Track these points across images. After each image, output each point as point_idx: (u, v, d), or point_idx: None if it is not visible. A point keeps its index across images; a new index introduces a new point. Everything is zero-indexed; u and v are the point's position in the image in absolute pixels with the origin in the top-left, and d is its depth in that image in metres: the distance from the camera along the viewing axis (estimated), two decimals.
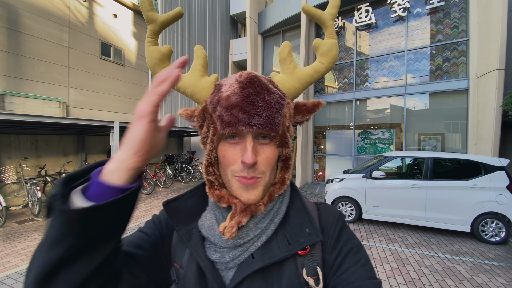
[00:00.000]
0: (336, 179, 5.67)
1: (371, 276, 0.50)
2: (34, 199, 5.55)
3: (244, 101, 0.49)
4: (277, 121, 0.50)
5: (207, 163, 0.56)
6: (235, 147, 0.52)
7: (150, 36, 0.62)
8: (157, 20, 0.61)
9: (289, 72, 0.61)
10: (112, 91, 9.06)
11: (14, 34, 6.58)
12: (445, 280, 3.29)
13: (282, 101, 0.53)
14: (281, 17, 10.30)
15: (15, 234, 4.61)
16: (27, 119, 5.10)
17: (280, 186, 0.56)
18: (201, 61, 0.62)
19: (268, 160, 0.52)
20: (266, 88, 0.52)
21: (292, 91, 0.60)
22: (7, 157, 6.22)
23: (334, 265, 0.53)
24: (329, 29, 0.64)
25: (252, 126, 0.48)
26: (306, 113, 0.61)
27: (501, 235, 4.47)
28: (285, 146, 0.54)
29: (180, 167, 10.44)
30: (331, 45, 0.63)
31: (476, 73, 6.81)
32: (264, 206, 0.54)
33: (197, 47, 0.64)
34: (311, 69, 0.62)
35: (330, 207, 0.63)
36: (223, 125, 0.49)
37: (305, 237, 0.53)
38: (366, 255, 0.54)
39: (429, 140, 7.71)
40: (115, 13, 9.06)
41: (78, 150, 7.84)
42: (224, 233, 0.52)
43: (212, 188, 0.56)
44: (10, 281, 3.11)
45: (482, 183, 4.54)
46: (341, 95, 9.21)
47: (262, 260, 0.51)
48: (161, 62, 0.62)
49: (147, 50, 0.62)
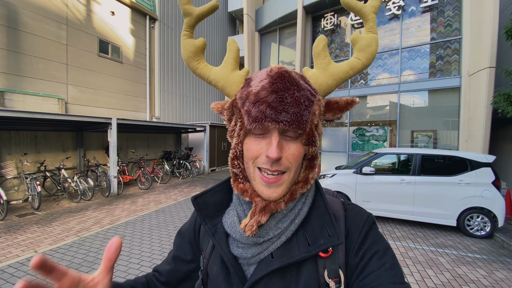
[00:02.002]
0: (328, 174, 5.81)
1: (396, 281, 0.48)
2: (34, 193, 5.70)
3: (272, 97, 0.48)
4: (305, 118, 0.49)
5: (232, 156, 0.56)
6: (261, 141, 0.51)
7: (186, 29, 0.64)
8: (193, 13, 0.63)
9: (322, 68, 0.59)
10: (110, 87, 9.18)
11: (14, 32, 6.68)
12: (426, 270, 3.44)
13: (312, 98, 0.52)
14: (278, 14, 10.37)
15: (16, 227, 4.77)
16: (27, 116, 5.24)
17: (303, 185, 0.55)
18: (233, 54, 0.62)
19: (294, 157, 0.51)
20: (296, 84, 0.51)
21: (325, 87, 0.58)
22: (7, 152, 6.36)
23: (358, 268, 0.52)
24: (370, 23, 0.60)
25: (278, 123, 0.47)
26: (337, 111, 0.59)
27: (486, 229, 4.61)
28: (312, 145, 0.53)
29: (177, 163, 10.59)
30: (371, 40, 0.59)
31: (468, 71, 6.91)
32: (285, 204, 0.54)
33: (231, 40, 0.64)
34: (347, 65, 0.59)
35: (358, 208, 0.60)
36: (250, 120, 0.50)
37: (325, 239, 0.52)
38: (393, 258, 0.52)
39: (422, 137, 7.84)
40: (112, 10, 9.13)
41: (76, 146, 7.98)
42: (245, 230, 0.53)
43: (237, 181, 0.57)
44: (11, 269, 3.27)
45: (468, 179, 4.67)
46: (337, 92, 9.32)
47: (281, 260, 0.52)
48: (195, 55, 0.63)
49: (182, 43, 0.63)
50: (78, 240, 4.20)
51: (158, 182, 9.23)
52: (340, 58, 9.23)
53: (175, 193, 7.66)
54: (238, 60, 0.63)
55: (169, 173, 9.43)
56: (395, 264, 0.51)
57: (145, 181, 8.27)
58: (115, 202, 6.62)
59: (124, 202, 6.58)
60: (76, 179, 6.41)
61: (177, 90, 12.40)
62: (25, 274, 3.16)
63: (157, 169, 9.19)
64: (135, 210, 5.92)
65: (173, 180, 10.06)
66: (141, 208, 6.10)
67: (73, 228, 4.74)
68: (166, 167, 9.32)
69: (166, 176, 9.36)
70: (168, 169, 9.36)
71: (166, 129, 10.72)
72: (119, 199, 6.94)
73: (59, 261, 3.49)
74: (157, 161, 9.66)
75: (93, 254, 3.71)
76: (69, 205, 6.29)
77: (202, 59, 0.64)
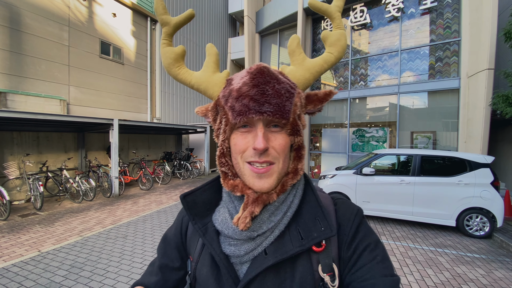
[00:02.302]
0: (329, 175, 5.86)
1: (387, 274, 0.49)
2: (36, 193, 5.74)
3: (254, 91, 0.50)
4: (287, 108, 0.51)
5: (219, 154, 0.57)
6: (247, 135, 0.53)
7: (164, 38, 0.66)
8: (170, 22, 0.65)
9: (298, 63, 0.62)
10: (111, 89, 9.22)
11: (16, 33, 6.73)
12: (426, 270, 3.48)
13: (292, 90, 0.54)
14: (278, 16, 10.44)
15: (19, 227, 4.80)
16: (29, 117, 5.29)
17: (293, 176, 0.56)
18: (213, 58, 0.64)
19: (281, 147, 0.52)
20: (276, 78, 0.53)
21: (303, 81, 0.60)
22: (10, 153, 6.40)
23: (350, 262, 0.53)
24: (337, 21, 0.65)
25: (262, 113, 0.49)
26: (317, 102, 0.61)
27: (485, 230, 4.65)
28: (297, 135, 0.55)
29: (178, 164, 10.64)
30: (339, 35, 0.63)
31: (467, 73, 6.97)
32: (277, 195, 0.54)
33: (209, 45, 0.66)
34: (321, 59, 0.63)
35: (348, 203, 0.61)
36: (234, 114, 0.51)
37: (318, 231, 0.52)
38: (384, 252, 0.54)
39: (421, 138, 7.89)
40: (114, 12, 9.19)
41: (78, 147, 8.01)
42: (238, 224, 0.52)
43: (227, 179, 0.57)
44: (16, 269, 3.30)
45: (467, 180, 4.72)
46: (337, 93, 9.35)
47: (275, 256, 0.51)
48: (176, 61, 0.65)
49: (162, 51, 0.65)
50: (81, 240, 4.23)
51: (159, 183, 9.27)
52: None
53: (176, 194, 7.69)
54: (218, 63, 0.65)
55: (170, 174, 9.46)
56: (386, 257, 0.52)
57: (146, 182, 8.31)
58: (116, 202, 6.66)
59: (125, 203, 6.62)
60: (78, 179, 6.45)
61: (178, 91, 12.45)
62: (29, 273, 3.19)
63: (158, 169, 9.23)
64: (137, 210, 5.96)
65: (174, 180, 10.09)
66: (143, 208, 6.14)
67: (75, 228, 4.77)
68: (167, 168, 9.36)
69: (167, 177, 9.40)
70: (169, 170, 9.40)
71: (166, 130, 10.75)
72: (121, 199, 6.98)
73: (62, 260, 3.53)
74: (158, 162, 9.70)
75: (96, 253, 3.75)
76: (71, 205, 6.32)
77: (182, 65, 0.66)
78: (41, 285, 2.95)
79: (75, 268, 3.33)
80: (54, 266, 3.37)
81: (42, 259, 3.57)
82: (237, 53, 14.16)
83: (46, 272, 3.23)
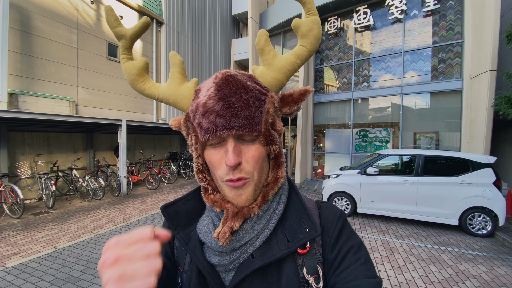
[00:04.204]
0: (333, 175, 5.97)
1: (370, 275, 0.50)
2: (48, 192, 5.90)
3: (219, 105, 0.47)
4: (257, 120, 0.49)
5: (196, 170, 0.56)
6: (220, 150, 0.50)
7: (123, 53, 0.62)
8: (126, 34, 0.61)
9: (268, 63, 0.58)
10: (118, 90, 9.38)
11: (27, 36, 6.90)
12: (429, 266, 3.59)
13: (262, 97, 0.51)
14: (282, 18, 10.56)
15: (33, 225, 4.96)
16: (42, 118, 5.45)
17: (274, 185, 0.55)
18: (178, 68, 0.60)
19: (254, 159, 0.50)
20: (243, 86, 0.50)
21: (275, 83, 0.57)
22: (21, 153, 6.57)
23: (334, 263, 0.53)
24: (308, 5, 0.57)
25: (230, 129, 0.47)
26: (293, 104, 0.57)
27: (487, 228, 4.74)
28: (272, 144, 0.52)
29: (183, 164, 10.79)
30: (311, 23, 0.57)
31: (469, 74, 7.05)
32: (258, 207, 0.53)
33: (172, 53, 0.61)
34: (293, 55, 0.57)
35: (331, 206, 0.61)
36: (202, 132, 0.49)
37: (303, 233, 0.52)
38: (367, 253, 0.54)
39: (424, 139, 7.97)
40: (121, 14, 9.34)
41: (87, 147, 8.18)
42: (219, 238, 0.51)
43: (207, 193, 0.56)
44: (34, 264, 3.45)
45: (470, 179, 4.81)
46: (340, 94, 9.48)
47: (261, 259, 0.51)
48: (140, 76, 0.61)
49: (123, 67, 0.61)
50: (94, 237, 4.38)
51: (165, 183, 9.42)
52: (343, 60, 9.40)
53: (182, 193, 7.80)
54: (184, 73, 0.60)
55: (175, 174, 9.62)
56: (368, 259, 0.53)
57: (153, 181, 8.47)
58: (125, 201, 6.81)
59: (134, 202, 6.77)
60: (87, 179, 6.61)
61: None
62: (48, 268, 3.33)
63: (164, 169, 9.39)
64: (145, 209, 6.10)
65: (179, 180, 10.25)
66: (151, 207, 6.28)
67: (87, 226, 4.92)
68: (172, 168, 9.51)
69: (172, 177, 9.55)
70: (175, 170, 9.55)
71: (172, 130, 10.91)
72: (129, 198, 7.13)
73: (78, 256, 3.67)
74: (164, 162, 9.86)
75: None
76: (81, 204, 6.48)
77: (147, 79, 0.62)
78: (60, 279, 3.09)
79: (92, 263, 3.47)
80: (71, 261, 3.52)
81: (58, 255, 3.72)
82: (240, 54, 14.30)
83: (64, 267, 3.37)
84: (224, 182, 0.51)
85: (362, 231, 4.96)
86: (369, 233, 4.85)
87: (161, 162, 9.87)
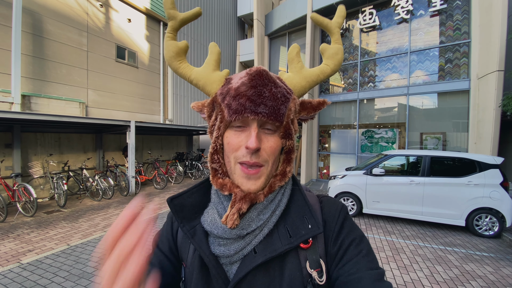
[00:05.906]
0: (339, 175, 6.00)
1: (372, 267, 0.51)
2: (60, 191, 6.07)
3: (251, 91, 0.51)
4: (281, 112, 0.53)
5: (212, 150, 0.58)
6: (240, 134, 0.54)
7: (170, 32, 0.67)
8: (177, 17, 0.66)
9: (296, 71, 0.65)
10: (127, 91, 9.56)
11: (39, 39, 7.09)
12: (435, 266, 3.61)
13: (288, 95, 0.56)
14: (287, 19, 10.61)
15: (45, 223, 5.11)
16: (53, 119, 5.61)
17: (281, 178, 0.57)
18: (215, 56, 0.66)
19: (272, 149, 0.54)
20: (273, 82, 0.54)
21: (299, 88, 0.63)
22: (34, 153, 6.76)
23: (337, 257, 0.54)
24: (335, 36, 0.69)
25: (257, 114, 0.50)
26: (311, 110, 0.63)
27: (494, 229, 4.73)
28: (289, 138, 0.56)
29: (190, 164, 10.92)
30: (337, 50, 0.67)
31: (477, 74, 7.01)
32: (264, 196, 0.55)
33: (212, 44, 0.67)
34: (318, 69, 0.65)
35: (333, 200, 0.64)
36: (230, 112, 0.52)
37: (306, 229, 0.54)
38: (368, 246, 0.55)
39: (431, 139, 7.94)
40: (129, 18, 9.53)
41: (96, 147, 8.36)
42: (227, 222, 0.52)
43: (216, 177, 0.57)
44: (49, 261, 3.58)
45: (476, 180, 4.80)
46: (346, 95, 9.49)
47: (264, 254, 0.52)
48: (178, 55, 0.66)
49: (166, 44, 0.66)
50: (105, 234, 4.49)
51: (172, 182, 9.55)
52: (349, 61, 9.41)
53: None
54: (219, 62, 0.66)
55: (182, 174, 9.75)
56: (370, 251, 0.54)
57: (160, 181, 8.61)
58: None
59: None
60: (97, 178, 6.77)
61: (189, 93, 12.76)
62: (62, 265, 3.46)
63: (171, 169, 9.52)
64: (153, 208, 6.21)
65: (186, 180, 10.38)
66: (160, 206, 6.40)
67: (98, 224, 5.06)
68: (179, 168, 9.65)
69: (179, 177, 9.69)
70: (181, 170, 9.69)
71: (178, 131, 11.07)
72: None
73: (91, 253, 3.79)
74: (171, 162, 10.00)
75: None
76: (91, 203, 6.64)
77: (184, 60, 0.67)
78: (74, 275, 3.21)
79: None
80: (84, 258, 3.64)
81: (72, 252, 3.85)
82: (245, 55, 14.40)
83: (78, 263, 3.49)
84: (238, 164, 0.54)
85: (368, 231, 4.99)
86: (375, 233, 4.88)
87: (168, 162, 10.01)
